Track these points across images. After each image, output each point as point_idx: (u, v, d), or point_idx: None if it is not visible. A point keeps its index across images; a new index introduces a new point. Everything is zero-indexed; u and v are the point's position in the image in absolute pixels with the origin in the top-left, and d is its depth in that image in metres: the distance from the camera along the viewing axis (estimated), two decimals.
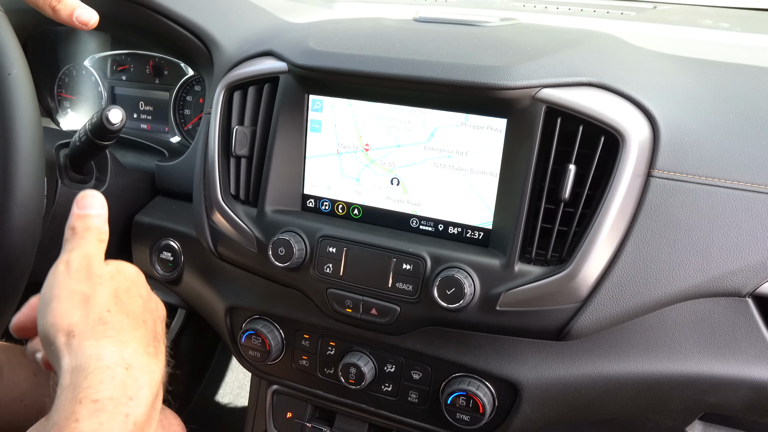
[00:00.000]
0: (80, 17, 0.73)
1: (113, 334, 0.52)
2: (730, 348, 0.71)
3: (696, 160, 0.69)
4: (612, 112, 0.68)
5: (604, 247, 0.69)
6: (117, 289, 0.56)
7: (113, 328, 0.53)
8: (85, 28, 0.74)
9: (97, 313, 0.53)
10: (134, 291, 0.58)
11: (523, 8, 1.22)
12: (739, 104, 0.73)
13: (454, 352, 0.80)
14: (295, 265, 0.79)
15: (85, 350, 0.50)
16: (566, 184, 0.69)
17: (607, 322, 0.71)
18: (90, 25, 0.73)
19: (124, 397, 0.48)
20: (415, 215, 0.79)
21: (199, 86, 1.18)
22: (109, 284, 0.56)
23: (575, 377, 0.76)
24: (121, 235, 1.03)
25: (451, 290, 0.72)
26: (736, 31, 1.03)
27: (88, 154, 0.92)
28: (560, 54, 0.73)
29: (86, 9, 0.73)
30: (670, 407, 0.76)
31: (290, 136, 0.82)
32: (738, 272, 0.68)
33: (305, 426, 1.00)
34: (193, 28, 0.96)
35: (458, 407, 0.80)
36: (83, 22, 0.73)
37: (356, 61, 0.74)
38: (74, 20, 0.73)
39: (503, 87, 0.68)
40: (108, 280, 0.56)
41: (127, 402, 0.48)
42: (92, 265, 0.56)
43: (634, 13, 1.17)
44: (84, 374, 0.48)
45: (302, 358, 0.90)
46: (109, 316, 0.53)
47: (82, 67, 1.26)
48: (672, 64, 0.81)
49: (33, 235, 0.70)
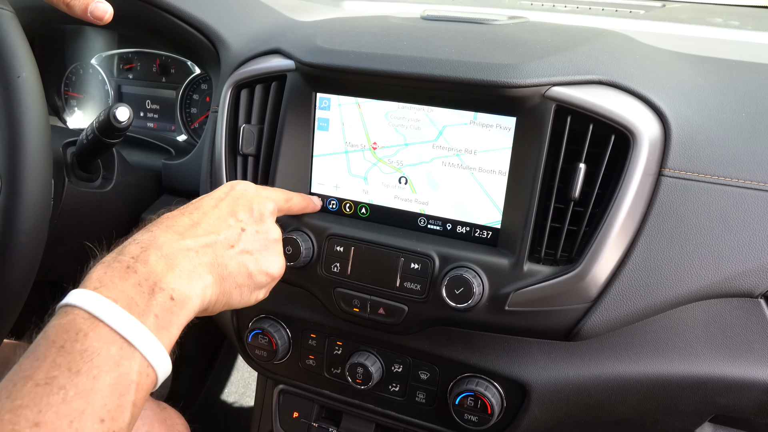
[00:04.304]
0: (95, 12, 0.73)
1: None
2: (742, 349, 0.71)
3: (707, 159, 0.68)
4: (622, 111, 0.67)
5: (614, 247, 0.68)
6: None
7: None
8: (99, 23, 0.73)
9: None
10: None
11: (530, 6, 1.21)
12: (751, 103, 0.73)
13: (462, 353, 0.80)
14: (302, 264, 0.79)
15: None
16: (576, 183, 0.68)
17: (617, 323, 0.70)
18: (105, 19, 0.73)
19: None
20: (423, 214, 0.78)
21: (206, 85, 1.18)
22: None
23: (584, 378, 0.75)
24: (127, 233, 1.03)
25: (459, 290, 0.71)
26: (747, 29, 1.02)
27: (95, 152, 0.93)
28: (570, 52, 0.72)
29: (101, 3, 0.73)
30: (680, 409, 0.76)
31: (297, 134, 0.81)
32: (750, 272, 0.67)
33: (312, 426, 0.99)
34: (200, 26, 0.96)
35: (466, 408, 0.79)
36: (98, 17, 0.73)
37: (364, 59, 0.74)
38: (89, 15, 0.73)
39: (513, 85, 0.68)
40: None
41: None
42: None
43: (643, 11, 1.16)
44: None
45: (309, 358, 0.90)
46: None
47: (89, 66, 1.26)
48: (682, 63, 0.80)
49: (40, 235, 0.71)
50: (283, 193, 0.75)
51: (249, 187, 0.70)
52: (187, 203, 0.66)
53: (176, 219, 0.62)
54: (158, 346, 0.52)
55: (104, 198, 0.97)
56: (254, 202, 0.68)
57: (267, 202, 0.69)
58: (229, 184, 0.70)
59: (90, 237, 1.00)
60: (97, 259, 0.57)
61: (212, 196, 0.67)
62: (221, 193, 0.68)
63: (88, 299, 0.51)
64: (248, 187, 0.70)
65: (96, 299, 0.51)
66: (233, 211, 0.66)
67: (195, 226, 0.62)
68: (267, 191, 0.72)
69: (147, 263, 0.55)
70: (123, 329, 0.50)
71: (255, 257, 0.65)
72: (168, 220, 0.62)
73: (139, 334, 0.51)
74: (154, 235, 0.58)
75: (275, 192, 0.74)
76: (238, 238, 0.64)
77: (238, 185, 0.69)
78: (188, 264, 0.57)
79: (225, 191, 0.68)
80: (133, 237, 0.59)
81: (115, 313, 0.50)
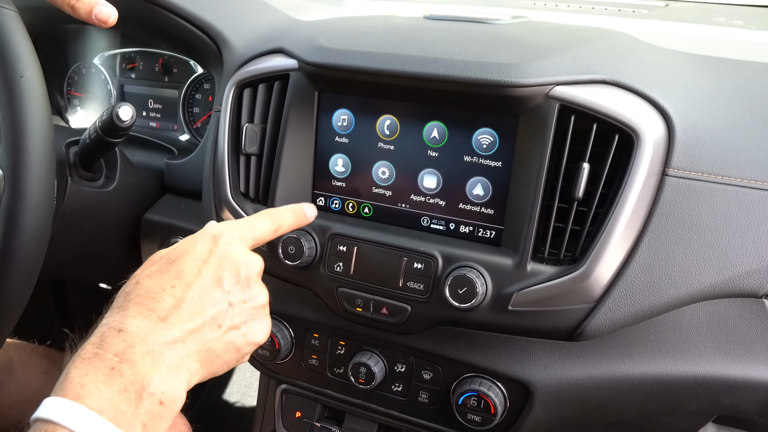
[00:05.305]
0: (99, 14, 0.72)
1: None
2: (746, 350, 0.70)
3: (711, 158, 0.68)
4: (626, 110, 0.67)
5: (618, 247, 0.68)
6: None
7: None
8: (104, 26, 0.73)
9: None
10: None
11: (533, 6, 1.21)
12: (755, 102, 0.72)
13: (465, 352, 0.80)
14: (305, 263, 0.79)
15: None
16: (580, 182, 0.68)
17: (620, 323, 0.70)
18: (109, 22, 0.73)
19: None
20: (427, 214, 0.78)
21: (208, 84, 1.18)
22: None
23: (588, 378, 0.75)
24: (130, 234, 1.04)
25: (462, 290, 0.71)
26: (751, 28, 1.02)
27: (98, 152, 0.93)
28: (573, 51, 0.72)
29: (105, 6, 0.73)
30: (683, 409, 0.75)
31: (300, 133, 0.81)
32: (755, 273, 0.67)
33: (314, 426, 0.99)
34: (203, 26, 0.96)
35: (469, 408, 0.79)
36: (102, 20, 0.73)
37: (367, 59, 0.74)
38: (93, 18, 0.72)
39: (516, 84, 0.67)
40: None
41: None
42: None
43: (646, 11, 1.16)
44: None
45: (312, 358, 0.90)
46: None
47: (92, 65, 1.26)
48: (686, 62, 0.80)
49: (43, 235, 0.70)
50: (271, 224, 0.69)
51: (233, 242, 0.62)
52: (166, 255, 0.60)
53: (157, 298, 0.55)
54: None
55: (107, 197, 0.97)
56: (240, 264, 0.61)
57: (253, 264, 0.62)
58: (210, 234, 0.62)
59: (92, 236, 1.00)
60: (72, 350, 0.53)
61: (194, 256, 0.59)
62: (203, 251, 0.60)
63: (70, 413, 0.46)
64: (231, 240, 0.62)
65: (79, 413, 0.46)
66: (218, 279, 0.59)
67: (178, 307, 0.56)
68: (254, 233, 0.66)
69: (133, 364, 0.50)
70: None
71: (243, 331, 0.60)
72: (148, 299, 0.55)
73: None
74: (137, 324, 0.53)
75: (262, 229, 0.67)
76: (225, 315, 0.58)
77: (222, 237, 0.62)
78: (175, 357, 0.53)
79: (208, 249, 0.60)
80: (110, 319, 0.54)
81: (102, 429, 0.46)
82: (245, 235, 0.64)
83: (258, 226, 0.67)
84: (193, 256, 0.60)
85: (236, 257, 0.61)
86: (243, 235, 0.64)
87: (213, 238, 0.62)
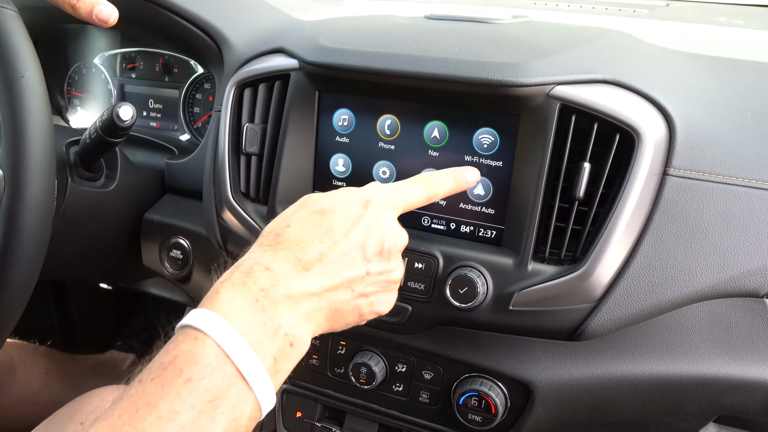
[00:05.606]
0: (100, 14, 0.73)
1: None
2: (747, 349, 0.70)
3: (713, 158, 0.68)
4: (627, 110, 0.67)
5: (619, 247, 0.68)
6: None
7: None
8: (104, 26, 0.73)
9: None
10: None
11: (534, 6, 1.21)
12: (756, 102, 0.72)
13: (465, 352, 0.80)
14: None
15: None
16: (580, 182, 0.68)
17: (621, 323, 0.70)
18: (110, 22, 0.73)
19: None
20: (427, 213, 0.78)
21: (209, 84, 1.18)
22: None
23: (589, 378, 0.75)
24: (130, 234, 1.03)
25: (463, 289, 0.71)
26: (751, 28, 1.02)
27: (98, 152, 0.93)
28: (574, 51, 0.72)
29: (106, 5, 0.73)
30: (684, 409, 0.75)
31: (301, 133, 0.81)
32: (756, 272, 0.67)
33: (315, 426, 0.99)
34: (204, 26, 0.96)
35: (470, 408, 0.79)
36: (103, 20, 0.73)
37: (368, 58, 0.74)
38: (94, 18, 0.72)
39: (517, 84, 0.67)
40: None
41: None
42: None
43: (647, 10, 1.16)
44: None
45: (312, 358, 0.90)
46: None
47: (92, 65, 1.26)
48: (687, 62, 0.80)
49: (43, 235, 0.70)
50: (425, 192, 0.66)
51: (384, 211, 0.62)
52: (319, 202, 0.61)
53: (305, 249, 0.57)
54: (271, 391, 0.51)
55: (107, 197, 0.97)
56: (386, 236, 0.61)
57: (398, 238, 0.62)
58: (364, 197, 0.62)
59: (93, 236, 1.00)
60: (219, 271, 0.55)
61: (345, 215, 0.60)
62: (355, 213, 0.60)
63: (219, 329, 0.49)
64: (383, 208, 0.62)
65: (227, 332, 0.49)
66: (363, 245, 0.59)
67: (321, 262, 0.57)
68: (406, 202, 0.64)
69: (275, 302, 0.53)
70: (246, 371, 0.49)
71: (371, 300, 0.62)
72: (297, 247, 0.57)
73: (259, 377, 0.49)
74: (284, 267, 0.55)
75: (415, 197, 0.65)
76: (360, 282, 0.60)
77: (373, 203, 0.61)
78: (309, 308, 0.56)
79: (359, 212, 0.60)
80: (259, 255, 0.56)
81: (244, 352, 0.49)
82: (397, 204, 0.64)
83: (412, 194, 0.66)
84: (344, 215, 0.60)
85: (384, 228, 0.61)
86: (395, 203, 0.64)
87: (366, 201, 0.62)
